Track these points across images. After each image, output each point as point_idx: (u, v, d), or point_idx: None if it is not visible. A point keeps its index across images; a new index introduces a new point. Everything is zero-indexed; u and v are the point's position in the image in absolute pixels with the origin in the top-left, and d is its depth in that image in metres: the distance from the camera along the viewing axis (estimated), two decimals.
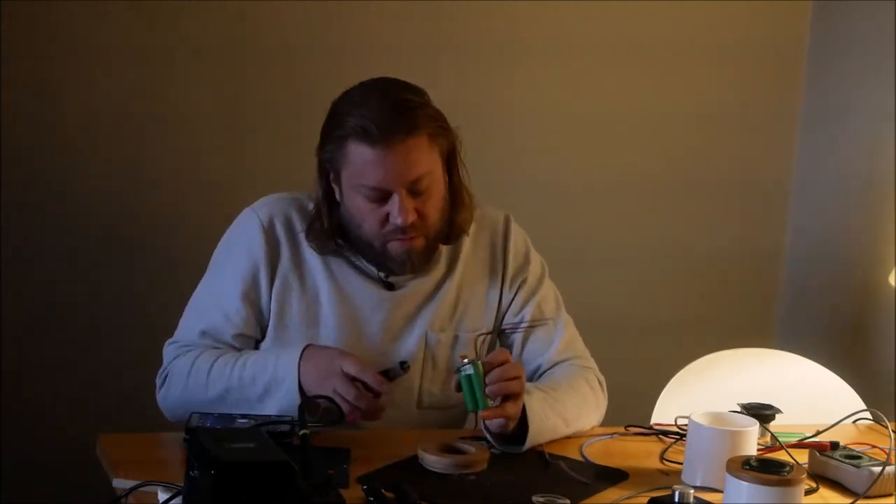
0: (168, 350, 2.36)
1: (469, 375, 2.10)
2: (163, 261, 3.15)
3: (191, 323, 2.35)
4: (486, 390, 2.10)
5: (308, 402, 2.14)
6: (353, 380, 2.15)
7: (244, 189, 3.10)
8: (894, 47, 3.18)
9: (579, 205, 3.44)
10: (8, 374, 3.08)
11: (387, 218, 2.22)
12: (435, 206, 2.26)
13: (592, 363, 2.43)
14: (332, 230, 2.29)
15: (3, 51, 2.97)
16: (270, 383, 2.20)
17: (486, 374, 2.10)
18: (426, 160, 2.22)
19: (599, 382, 2.40)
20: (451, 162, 2.29)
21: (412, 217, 2.22)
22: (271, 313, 2.31)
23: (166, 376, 2.32)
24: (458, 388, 2.12)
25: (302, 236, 2.32)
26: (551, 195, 3.36)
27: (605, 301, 3.42)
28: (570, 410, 2.28)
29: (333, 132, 2.23)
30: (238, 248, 2.34)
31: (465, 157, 2.32)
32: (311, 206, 2.33)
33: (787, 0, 3.51)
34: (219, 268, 2.38)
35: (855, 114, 3.37)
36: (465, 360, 2.11)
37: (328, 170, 2.27)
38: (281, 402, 2.19)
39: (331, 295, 2.31)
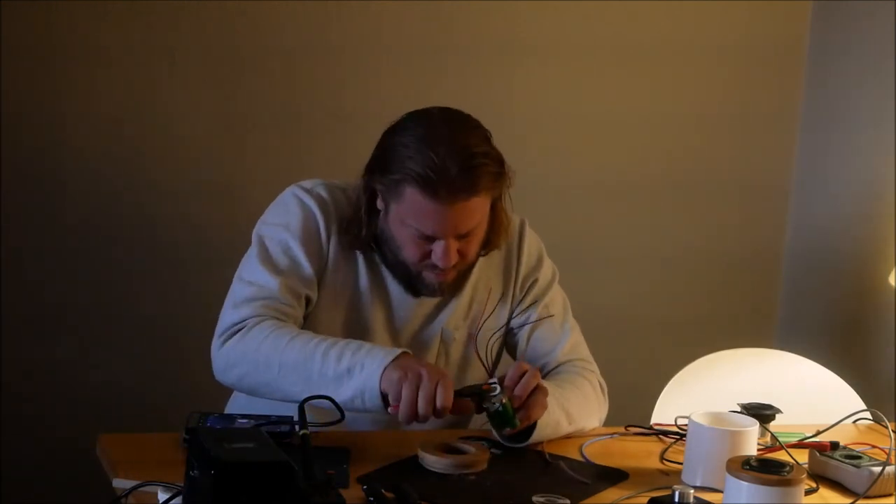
0: (242, 310, 2.24)
1: (499, 411, 2.11)
2: (163, 261, 3.15)
3: (265, 279, 2.26)
4: (518, 416, 2.12)
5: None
6: (433, 386, 2.07)
7: (244, 189, 3.12)
8: (894, 47, 3.18)
9: (579, 205, 3.44)
10: (8, 374, 3.08)
11: (428, 254, 2.24)
12: (477, 243, 2.29)
13: (596, 368, 2.43)
14: (369, 238, 2.31)
15: (3, 51, 2.97)
16: (354, 365, 2.13)
17: (509, 396, 2.12)
18: (480, 213, 2.24)
19: (601, 387, 2.40)
20: (498, 196, 2.29)
21: (455, 260, 2.24)
22: (324, 283, 2.31)
23: (239, 330, 2.22)
24: (480, 409, 2.14)
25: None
26: (551, 195, 3.36)
27: (606, 301, 3.42)
28: (573, 407, 2.28)
29: (391, 168, 2.20)
30: (295, 218, 2.30)
31: None
32: (354, 197, 2.32)
33: (787, 0, 3.51)
34: (279, 232, 2.30)
35: (855, 114, 3.37)
36: (493, 393, 2.10)
37: (376, 191, 2.26)
38: (358, 382, 2.11)
39: (368, 282, 2.33)
